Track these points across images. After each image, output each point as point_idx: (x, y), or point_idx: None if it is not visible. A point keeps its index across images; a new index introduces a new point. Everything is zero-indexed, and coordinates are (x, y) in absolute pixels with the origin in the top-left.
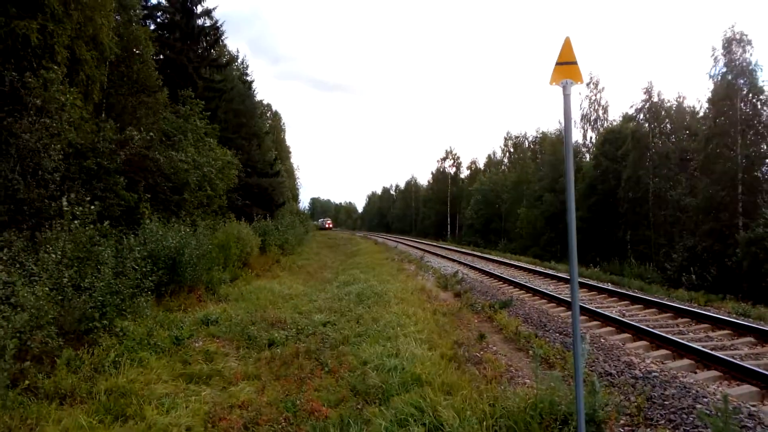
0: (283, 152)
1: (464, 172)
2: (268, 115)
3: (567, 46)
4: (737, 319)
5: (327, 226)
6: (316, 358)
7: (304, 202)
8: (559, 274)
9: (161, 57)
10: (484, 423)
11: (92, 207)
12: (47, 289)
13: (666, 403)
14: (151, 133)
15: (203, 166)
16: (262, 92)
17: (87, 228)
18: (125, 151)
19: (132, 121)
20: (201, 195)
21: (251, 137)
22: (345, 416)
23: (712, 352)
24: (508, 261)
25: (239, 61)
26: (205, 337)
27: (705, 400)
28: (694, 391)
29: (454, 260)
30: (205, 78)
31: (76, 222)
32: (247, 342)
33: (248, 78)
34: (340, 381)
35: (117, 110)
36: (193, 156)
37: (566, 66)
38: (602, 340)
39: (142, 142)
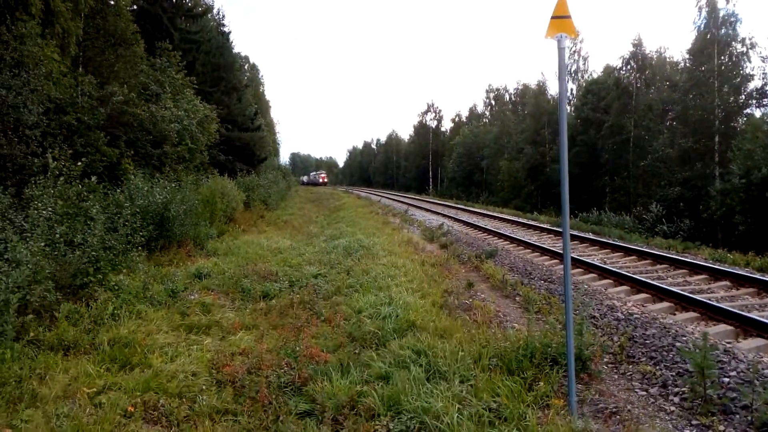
0: (263, 106)
1: (446, 125)
2: (246, 68)
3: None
4: (713, 265)
5: (321, 180)
6: (311, 308)
7: (284, 158)
8: (541, 225)
9: (135, 8)
10: (479, 363)
11: (79, 164)
12: (42, 244)
13: (647, 342)
14: (132, 93)
15: (183, 119)
16: (239, 44)
17: (73, 184)
18: (106, 108)
19: (110, 75)
20: (182, 149)
21: (231, 91)
22: (344, 360)
23: (691, 295)
24: (491, 213)
25: (215, 11)
26: (200, 290)
27: (684, 338)
28: (673, 331)
29: (438, 213)
30: (181, 29)
31: (61, 179)
32: (241, 294)
33: (225, 29)
34: (336, 329)
35: (94, 64)
36: (171, 109)
37: (561, 20)
38: (585, 286)
39: (124, 98)
